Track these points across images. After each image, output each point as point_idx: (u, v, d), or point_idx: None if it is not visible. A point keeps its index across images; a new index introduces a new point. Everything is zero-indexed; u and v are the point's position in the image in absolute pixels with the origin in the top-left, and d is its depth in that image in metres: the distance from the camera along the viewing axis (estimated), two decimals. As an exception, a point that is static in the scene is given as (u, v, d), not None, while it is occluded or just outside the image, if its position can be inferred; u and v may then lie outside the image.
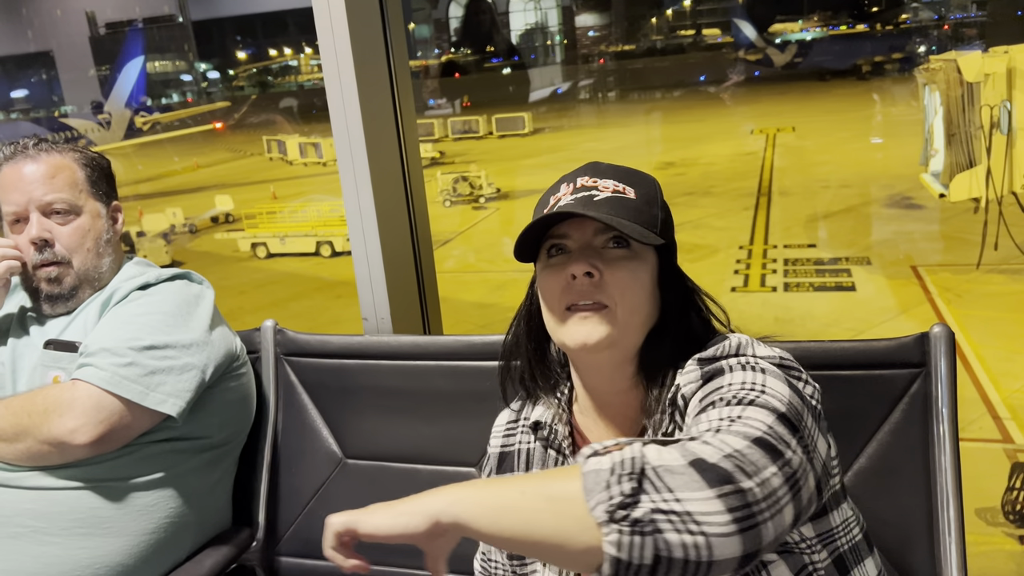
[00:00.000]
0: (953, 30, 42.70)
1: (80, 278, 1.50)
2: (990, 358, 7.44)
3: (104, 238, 1.53)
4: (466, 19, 60.76)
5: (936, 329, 1.21)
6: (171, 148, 31.54)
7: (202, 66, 61.38)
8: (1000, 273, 9.64)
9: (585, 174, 1.00)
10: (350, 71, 1.68)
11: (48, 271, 1.48)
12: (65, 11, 52.76)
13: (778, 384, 0.86)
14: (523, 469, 1.10)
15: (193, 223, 17.59)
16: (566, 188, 1.00)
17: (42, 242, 1.47)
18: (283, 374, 1.66)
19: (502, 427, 1.16)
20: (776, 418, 0.80)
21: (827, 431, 0.91)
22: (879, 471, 1.22)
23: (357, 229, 1.74)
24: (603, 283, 0.94)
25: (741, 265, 11.23)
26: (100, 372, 1.35)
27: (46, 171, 1.48)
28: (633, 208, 0.96)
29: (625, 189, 0.98)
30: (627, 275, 0.95)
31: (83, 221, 1.50)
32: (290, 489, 1.63)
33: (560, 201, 0.98)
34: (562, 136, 27.87)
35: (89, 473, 1.38)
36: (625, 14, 59.55)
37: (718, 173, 17.75)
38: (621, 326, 0.95)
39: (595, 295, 0.94)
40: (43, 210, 1.47)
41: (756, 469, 0.72)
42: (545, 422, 1.06)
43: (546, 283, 0.99)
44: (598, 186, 0.98)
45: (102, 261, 1.52)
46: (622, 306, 0.95)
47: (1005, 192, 8.87)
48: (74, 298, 1.50)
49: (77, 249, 1.49)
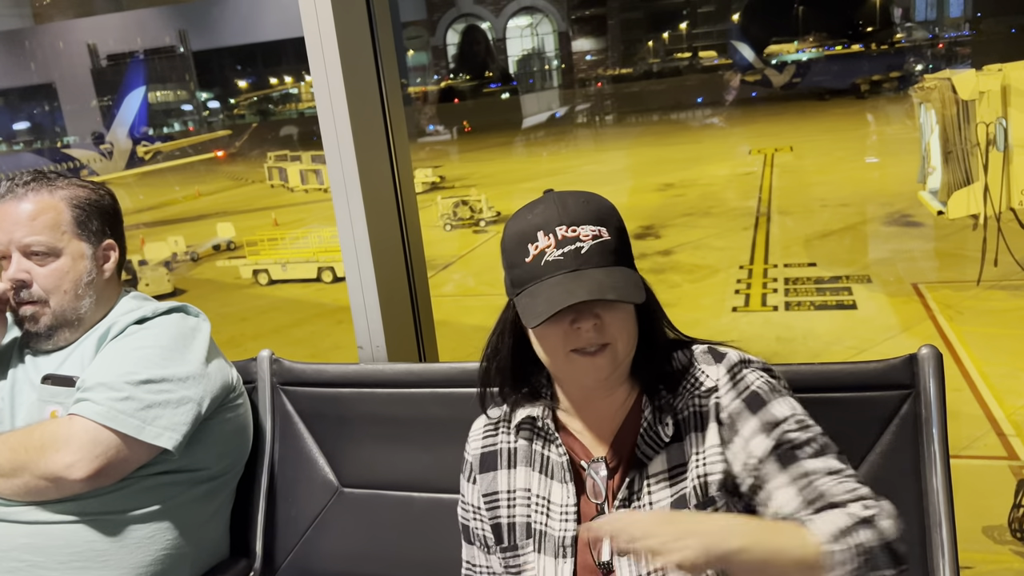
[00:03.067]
0: (947, 49, 43.00)
1: (57, 318, 1.49)
2: (993, 375, 7.42)
3: (85, 280, 1.51)
4: (462, 46, 61.32)
5: (924, 350, 1.21)
6: (173, 177, 31.69)
7: (203, 95, 61.87)
8: (1001, 289, 9.63)
9: (561, 223, 1.06)
10: (342, 100, 1.70)
11: (25, 309, 1.49)
12: (67, 43, 53.28)
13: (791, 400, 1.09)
14: (507, 466, 1.21)
15: (195, 251, 17.63)
16: (546, 239, 1.06)
17: (19, 283, 1.47)
18: (279, 404, 1.67)
19: (480, 431, 1.26)
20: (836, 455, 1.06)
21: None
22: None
23: (351, 258, 1.75)
24: (603, 326, 1.06)
25: (742, 285, 11.23)
26: (96, 407, 1.35)
27: (30, 212, 1.47)
28: (616, 252, 1.07)
29: (600, 232, 1.06)
30: (624, 315, 1.07)
31: (62, 263, 1.48)
32: (287, 519, 1.63)
33: (545, 254, 1.05)
34: (562, 159, 27.99)
35: (86, 507, 1.38)
36: (621, 38, 60.07)
37: (717, 194, 17.79)
38: (621, 358, 1.08)
39: (599, 339, 1.06)
40: (23, 251, 1.47)
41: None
42: (536, 416, 1.18)
43: (547, 333, 1.07)
44: (579, 235, 1.05)
45: (81, 303, 1.50)
46: (621, 341, 1.07)
47: (1003, 208, 8.89)
48: (52, 338, 1.50)
49: (54, 291, 1.48)
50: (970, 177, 9.17)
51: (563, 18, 60.87)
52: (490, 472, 1.22)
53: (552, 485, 1.16)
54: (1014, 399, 6.92)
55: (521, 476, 1.20)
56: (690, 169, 21.14)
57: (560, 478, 1.15)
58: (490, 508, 1.21)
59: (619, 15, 59.72)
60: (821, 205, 15.36)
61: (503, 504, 1.20)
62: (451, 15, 62.07)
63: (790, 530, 0.98)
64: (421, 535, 1.53)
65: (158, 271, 15.37)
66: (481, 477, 1.23)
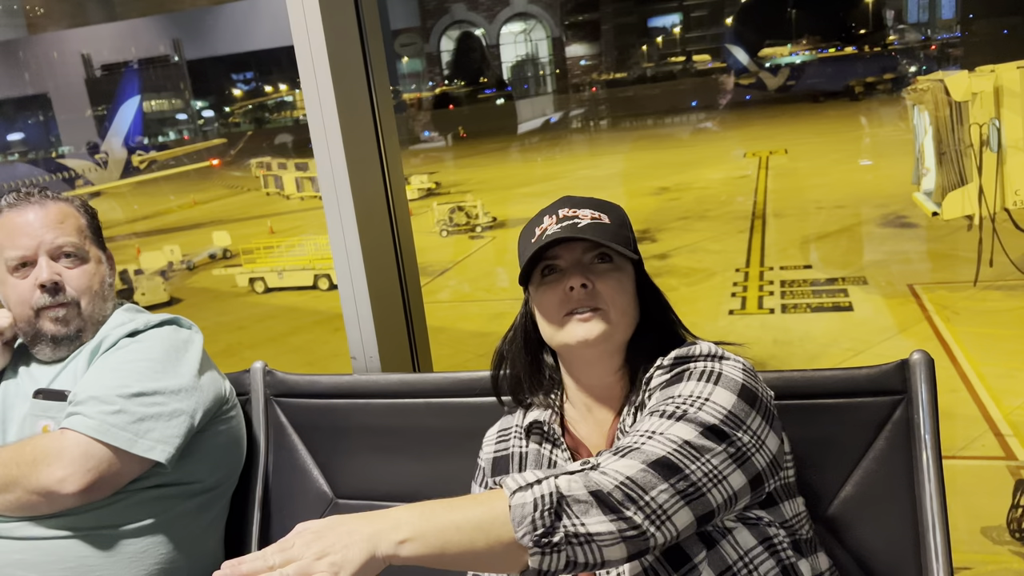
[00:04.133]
0: (940, 50, 43.15)
1: (86, 320, 1.51)
2: (990, 375, 7.43)
3: (108, 282, 1.57)
4: (456, 53, 61.40)
5: (916, 356, 1.21)
6: (168, 186, 31.66)
7: (198, 104, 61.87)
8: (997, 290, 9.65)
9: (564, 206, 1.18)
10: (332, 109, 1.70)
11: (56, 312, 1.49)
12: (61, 53, 53.27)
13: (724, 395, 1.03)
14: (517, 469, 1.24)
15: (191, 260, 17.60)
16: (549, 219, 1.16)
17: (52, 285, 1.48)
18: (273, 415, 1.66)
19: (493, 436, 1.30)
20: (699, 433, 0.98)
21: (780, 429, 1.07)
22: (865, 499, 1.22)
23: (343, 268, 1.75)
24: (595, 292, 1.12)
25: (738, 288, 11.24)
26: (88, 420, 1.35)
27: (55, 216, 1.51)
28: (611, 230, 1.14)
29: (600, 216, 1.16)
30: (614, 283, 1.14)
31: (90, 266, 1.53)
32: (282, 531, 1.61)
33: (547, 230, 1.14)
34: (557, 164, 28.01)
35: (78, 522, 1.37)
36: (615, 43, 60.19)
37: (712, 197, 17.82)
38: (614, 324, 1.13)
39: (590, 302, 1.12)
40: (52, 254, 1.49)
41: (643, 492, 0.92)
42: (544, 420, 1.22)
43: (544, 298, 1.15)
44: (578, 215, 1.15)
45: (107, 304, 1.55)
46: (614, 308, 1.13)
47: (998, 209, 8.91)
48: (78, 340, 1.51)
49: (86, 292, 1.51)
50: (964, 178, 9.19)
51: (557, 24, 61.00)
52: (501, 475, 1.23)
53: None
54: (1011, 399, 6.92)
55: None
56: (685, 173, 21.17)
57: None
58: None
59: (612, 20, 59.88)
60: (816, 207, 15.38)
61: None
62: (445, 22, 62.15)
63: (485, 497, 0.93)
64: (416, 546, 1.52)
65: (154, 280, 15.34)
66: (492, 481, 1.26)
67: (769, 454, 1.02)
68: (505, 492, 0.92)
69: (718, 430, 0.99)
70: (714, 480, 0.96)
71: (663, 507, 0.93)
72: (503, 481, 0.94)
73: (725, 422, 1.00)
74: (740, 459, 0.99)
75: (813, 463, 1.22)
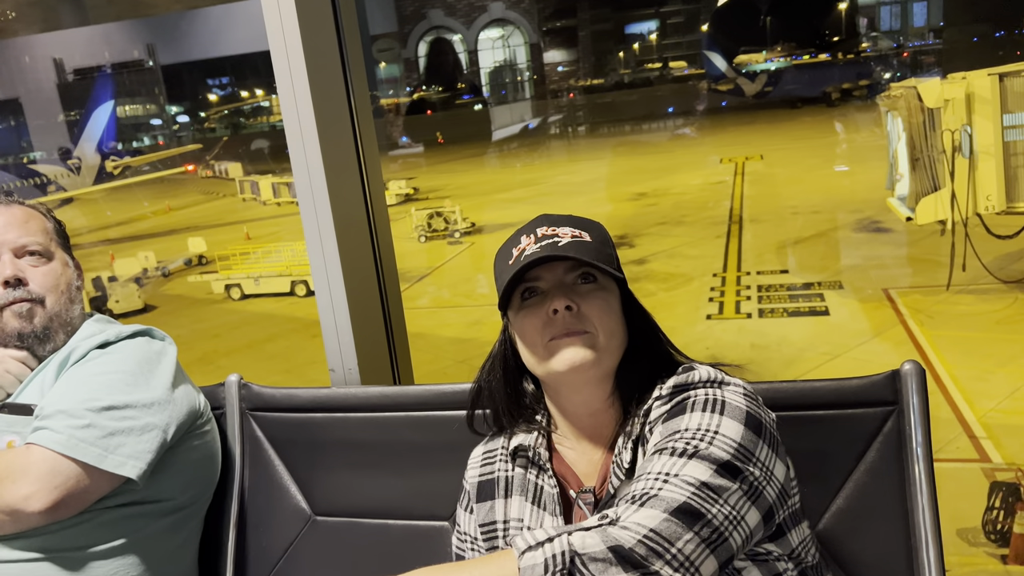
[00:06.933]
0: (912, 57, 43.82)
1: (52, 319, 1.47)
2: (964, 378, 7.52)
3: (75, 285, 1.54)
4: (429, 58, 61.42)
5: (907, 366, 1.20)
6: (142, 192, 31.37)
7: (173, 109, 61.33)
8: (969, 293, 9.78)
9: (542, 224, 1.11)
10: (309, 114, 1.66)
11: (19, 307, 1.45)
12: (33, 58, 52.66)
13: (732, 425, 0.98)
14: (503, 495, 1.18)
15: (166, 266, 17.44)
16: (527, 239, 1.10)
17: (15, 280, 1.45)
18: (249, 430, 1.62)
19: (478, 458, 1.23)
20: (714, 471, 0.94)
21: (784, 455, 1.03)
22: (857, 512, 1.21)
23: (321, 277, 1.71)
24: (581, 314, 1.06)
25: (716, 293, 11.31)
26: (56, 435, 1.30)
27: (20, 217, 1.50)
28: (593, 249, 1.08)
29: (581, 234, 1.09)
30: (601, 303, 1.07)
31: (56, 266, 1.51)
32: (258, 549, 1.58)
33: (525, 250, 1.08)
34: (535, 170, 28.06)
35: (46, 543, 1.32)
36: (592, 49, 60.49)
37: (690, 202, 17.94)
38: (602, 348, 1.06)
39: (576, 325, 1.06)
40: (16, 253, 1.47)
41: (669, 544, 0.89)
42: (528, 445, 1.15)
43: (525, 323, 1.09)
44: (558, 233, 1.09)
45: (73, 307, 1.52)
46: (602, 331, 1.06)
47: (970, 214, 9.05)
48: (48, 341, 1.47)
49: (51, 290, 1.48)
50: (937, 183, 9.32)
51: (534, 30, 61.20)
52: (487, 501, 1.19)
53: (544, 517, 1.13)
54: (985, 402, 7.01)
55: (515, 506, 1.16)
56: (663, 178, 21.31)
57: (552, 510, 1.12)
58: (487, 539, 1.18)
59: (590, 26, 60.19)
60: (792, 213, 15.54)
61: (499, 535, 1.17)
62: (422, 27, 62.15)
63: (495, 559, 0.92)
64: (398, 563, 1.47)
65: (128, 287, 15.16)
66: (478, 507, 1.20)
67: (778, 485, 0.99)
68: (514, 553, 0.89)
69: (731, 466, 0.95)
70: (734, 522, 0.93)
71: (690, 558, 0.89)
72: (513, 541, 0.91)
73: (737, 456, 0.96)
74: (753, 495, 0.95)
75: (804, 476, 1.20)
